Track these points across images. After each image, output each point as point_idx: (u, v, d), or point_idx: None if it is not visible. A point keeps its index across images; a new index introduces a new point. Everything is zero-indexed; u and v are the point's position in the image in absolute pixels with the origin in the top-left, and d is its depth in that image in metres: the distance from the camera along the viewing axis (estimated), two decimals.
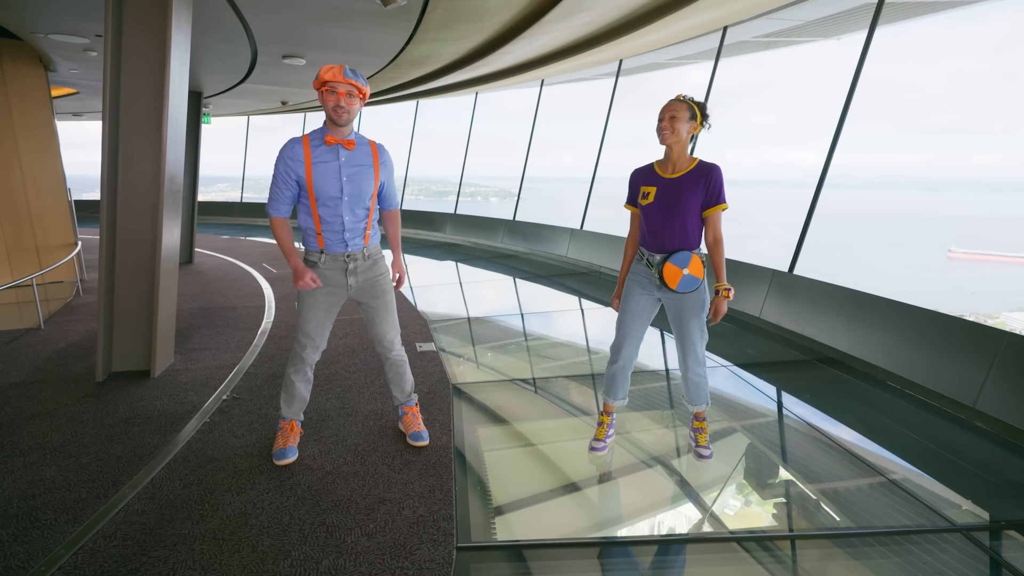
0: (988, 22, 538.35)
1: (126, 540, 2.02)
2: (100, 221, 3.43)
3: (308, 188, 2.26)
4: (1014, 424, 2.85)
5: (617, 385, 2.64)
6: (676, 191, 2.36)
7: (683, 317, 2.48)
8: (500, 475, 2.60)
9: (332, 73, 2.16)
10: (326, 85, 2.19)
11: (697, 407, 2.67)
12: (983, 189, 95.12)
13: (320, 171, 2.24)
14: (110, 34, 3.16)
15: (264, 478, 2.43)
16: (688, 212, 2.36)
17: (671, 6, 4.92)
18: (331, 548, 1.99)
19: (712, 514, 2.33)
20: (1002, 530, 2.23)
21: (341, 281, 2.44)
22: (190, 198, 8.03)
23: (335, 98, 2.19)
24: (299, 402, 2.61)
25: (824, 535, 2.19)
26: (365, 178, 2.31)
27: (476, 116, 11.88)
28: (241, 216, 15.14)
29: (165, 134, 3.36)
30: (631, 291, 2.56)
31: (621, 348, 2.57)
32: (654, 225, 2.43)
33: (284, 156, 2.25)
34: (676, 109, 2.34)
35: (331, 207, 2.28)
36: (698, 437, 2.71)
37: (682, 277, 2.38)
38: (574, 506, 2.39)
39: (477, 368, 4.12)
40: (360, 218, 2.35)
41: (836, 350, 4.06)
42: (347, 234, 2.34)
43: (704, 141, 4.65)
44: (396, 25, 4.62)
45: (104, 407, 3.14)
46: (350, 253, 2.39)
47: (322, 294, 2.43)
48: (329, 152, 2.26)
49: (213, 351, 4.13)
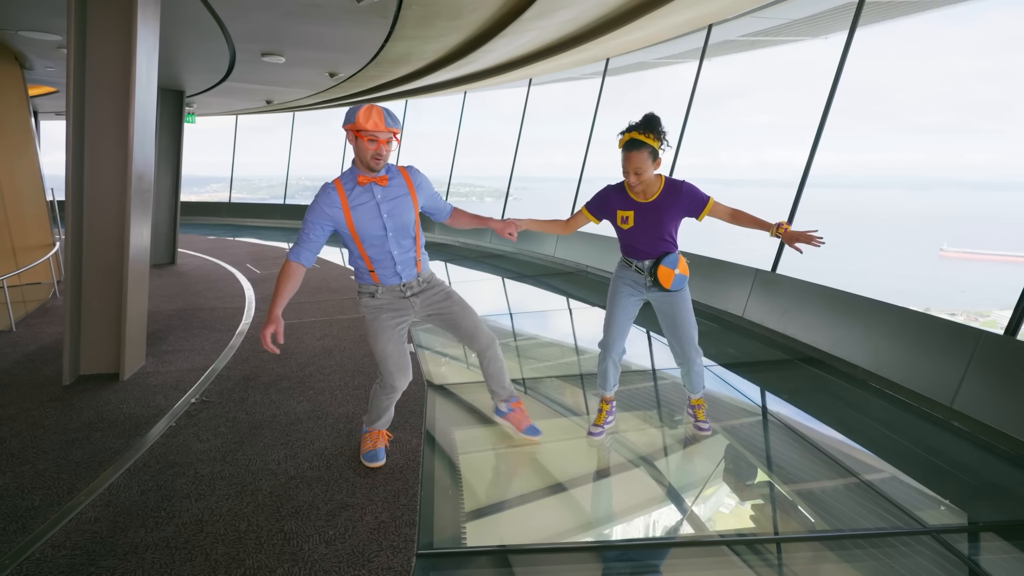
0: (979, 22, 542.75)
1: (75, 550, 1.96)
2: (65, 221, 3.36)
3: (351, 232, 2.17)
4: (989, 424, 2.83)
5: (609, 378, 2.77)
6: (655, 213, 2.49)
7: (677, 314, 2.60)
8: (477, 478, 2.56)
9: (373, 122, 2.02)
10: (365, 134, 2.04)
11: (697, 395, 2.85)
12: (974, 188, 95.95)
13: (359, 213, 2.15)
14: (73, 31, 3.10)
15: (225, 484, 2.37)
16: (668, 228, 2.51)
17: (652, 4, 4.88)
18: (287, 556, 1.94)
19: (689, 517, 2.30)
20: (970, 531, 2.20)
21: (403, 305, 2.36)
22: (172, 198, 7.94)
23: (375, 147, 2.06)
24: (387, 418, 2.54)
25: (798, 538, 2.16)
26: (405, 209, 2.21)
27: (474, 116, 11.86)
28: (229, 216, 15.02)
29: (132, 133, 3.29)
30: (619, 292, 2.66)
31: (613, 344, 2.69)
32: (637, 243, 2.56)
33: (320, 204, 2.14)
34: (638, 162, 2.35)
35: (377, 245, 2.21)
36: (697, 413, 2.89)
37: (675, 276, 2.53)
38: (552, 510, 2.34)
39: (458, 368, 4.07)
40: (407, 248, 2.27)
41: (818, 349, 4.04)
42: (398, 267, 2.28)
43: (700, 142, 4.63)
44: (373, 22, 4.56)
45: (68, 411, 3.07)
46: (405, 283, 2.33)
47: (388, 317, 2.34)
48: (364, 192, 2.16)
49: (187, 353, 4.06)
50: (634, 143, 2.33)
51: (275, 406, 3.15)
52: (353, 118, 2.04)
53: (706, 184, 2.57)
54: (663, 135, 2.35)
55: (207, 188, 30.82)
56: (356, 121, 2.03)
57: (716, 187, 28.65)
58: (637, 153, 2.33)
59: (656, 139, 2.33)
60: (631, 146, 2.34)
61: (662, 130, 2.35)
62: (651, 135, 2.32)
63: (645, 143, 2.32)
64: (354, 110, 2.05)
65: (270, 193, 29.91)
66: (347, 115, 2.08)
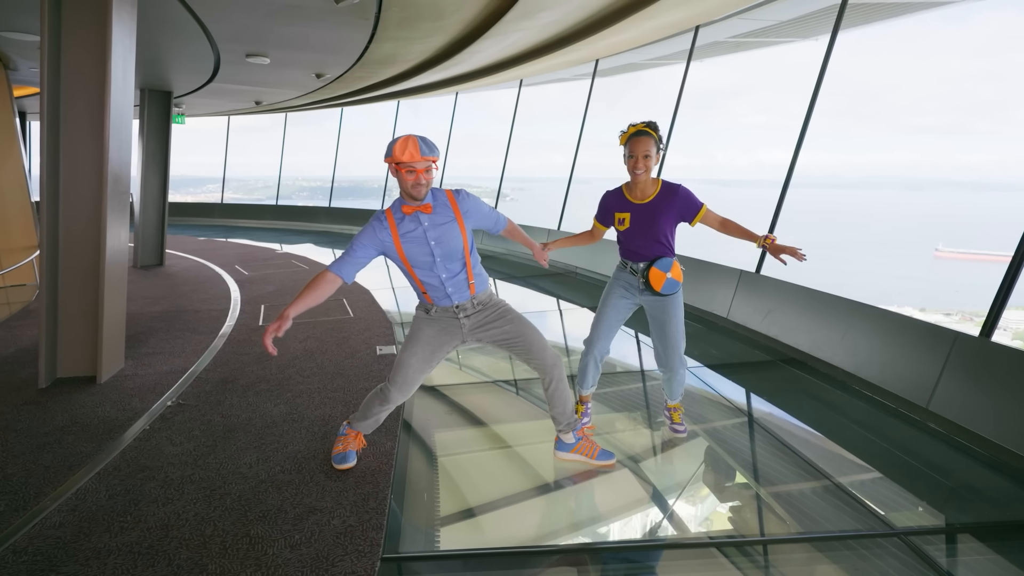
0: (974, 23, 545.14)
1: (37, 555, 1.95)
2: (40, 223, 3.34)
3: (402, 259, 2.23)
4: (964, 425, 2.83)
5: (589, 376, 2.80)
6: (650, 215, 2.56)
7: (666, 320, 2.64)
8: (455, 481, 2.54)
9: (409, 153, 2.05)
10: (403, 165, 2.09)
11: (674, 400, 2.90)
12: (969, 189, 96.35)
13: (408, 241, 2.20)
14: (47, 31, 3.08)
15: (194, 488, 2.36)
16: (663, 229, 2.56)
17: (636, 5, 4.88)
18: (251, 561, 1.93)
19: (668, 519, 2.29)
20: (938, 532, 2.21)
21: (452, 327, 2.36)
22: (160, 199, 7.90)
23: (414, 176, 2.10)
24: (373, 424, 2.53)
25: (774, 540, 2.15)
26: (452, 235, 2.23)
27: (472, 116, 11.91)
28: (222, 217, 14.98)
29: (107, 133, 3.27)
30: (613, 292, 2.71)
31: (597, 343, 2.73)
32: (633, 244, 2.62)
33: (374, 228, 2.19)
34: (649, 147, 2.47)
35: (426, 269, 2.25)
36: (673, 416, 2.93)
37: (666, 280, 2.57)
38: (532, 512, 2.33)
39: (441, 369, 4.05)
40: (456, 272, 2.28)
41: (799, 351, 4.04)
42: (449, 289, 2.29)
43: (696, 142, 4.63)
44: (355, 23, 4.55)
45: (42, 415, 3.05)
46: (458, 304, 2.33)
47: (434, 330, 2.35)
48: (411, 221, 2.20)
49: (167, 355, 4.04)
50: (641, 132, 2.49)
51: (251, 409, 3.13)
52: (391, 151, 2.09)
53: (702, 185, 2.62)
54: (662, 138, 2.53)
55: (203, 188, 30.67)
56: (393, 154, 2.08)
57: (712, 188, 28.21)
58: (645, 138, 2.47)
59: (657, 136, 2.49)
60: (639, 134, 2.48)
61: (661, 134, 2.53)
62: (654, 131, 2.49)
63: (650, 134, 2.48)
64: (392, 143, 2.09)
65: (266, 194, 29.82)
66: (387, 149, 2.12)
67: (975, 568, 2.04)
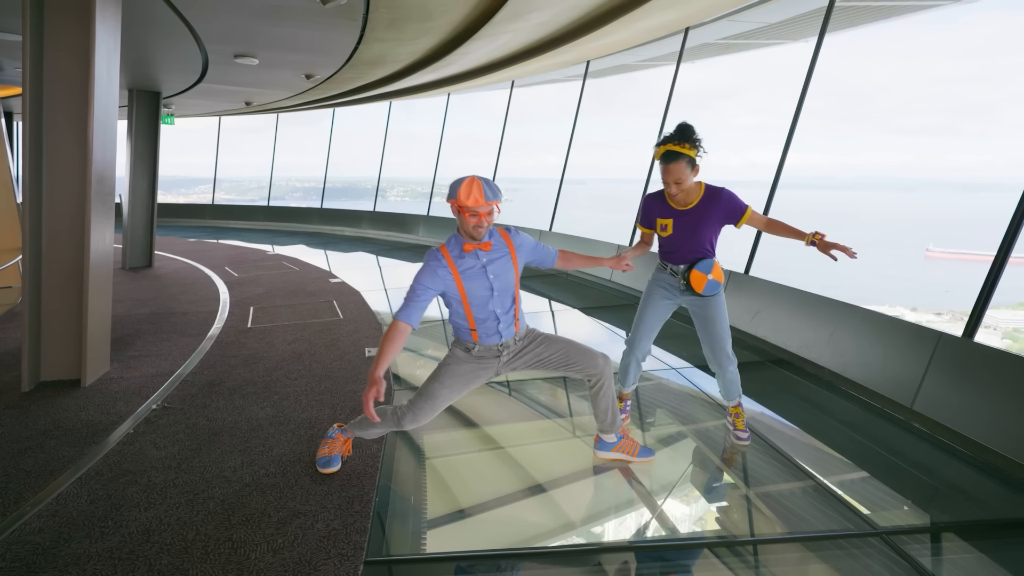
0: (963, 24, 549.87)
1: (15, 562, 1.92)
2: (22, 225, 3.30)
3: (462, 297, 2.25)
4: (947, 425, 2.85)
5: (630, 375, 2.82)
6: (694, 220, 2.52)
7: (710, 320, 2.64)
8: (444, 484, 2.54)
9: (474, 198, 2.09)
10: (467, 209, 2.12)
11: (732, 402, 2.83)
12: (959, 189, 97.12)
13: (469, 278, 2.23)
14: (29, 30, 3.05)
15: (177, 492, 2.34)
16: (707, 236, 2.54)
17: (626, 7, 4.90)
18: (232, 565, 1.92)
19: (655, 520, 2.29)
20: (922, 532, 2.22)
21: (493, 362, 2.37)
22: (149, 200, 7.83)
23: (477, 219, 2.14)
24: (366, 435, 2.51)
25: (761, 541, 2.16)
26: (507, 270, 2.28)
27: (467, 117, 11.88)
28: (212, 218, 14.89)
29: (91, 134, 3.24)
30: (654, 293, 2.72)
31: (639, 344, 2.75)
32: (676, 249, 2.60)
33: (433, 268, 2.21)
34: (677, 173, 2.39)
35: (482, 305, 2.27)
36: (736, 422, 2.84)
37: (707, 282, 2.56)
38: (523, 514, 2.33)
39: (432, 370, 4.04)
40: (508, 307, 2.31)
41: (786, 351, 4.06)
42: (500, 325, 2.31)
43: None
44: (343, 24, 4.54)
45: (24, 419, 3.02)
46: (503, 343, 2.34)
47: (471, 367, 2.35)
48: (471, 258, 2.23)
49: (153, 358, 4.01)
50: (671, 155, 2.38)
51: (237, 412, 3.11)
52: (455, 194, 2.12)
53: None
54: (698, 143, 2.40)
55: (195, 189, 30.45)
56: (458, 197, 2.10)
57: None
58: (676, 164, 2.38)
59: (692, 148, 2.38)
60: (668, 158, 2.39)
61: (697, 138, 2.39)
62: (687, 144, 2.37)
63: (682, 153, 2.37)
64: (456, 185, 2.12)
65: (259, 195, 29.60)
66: (450, 189, 2.15)
67: (959, 566, 2.06)
